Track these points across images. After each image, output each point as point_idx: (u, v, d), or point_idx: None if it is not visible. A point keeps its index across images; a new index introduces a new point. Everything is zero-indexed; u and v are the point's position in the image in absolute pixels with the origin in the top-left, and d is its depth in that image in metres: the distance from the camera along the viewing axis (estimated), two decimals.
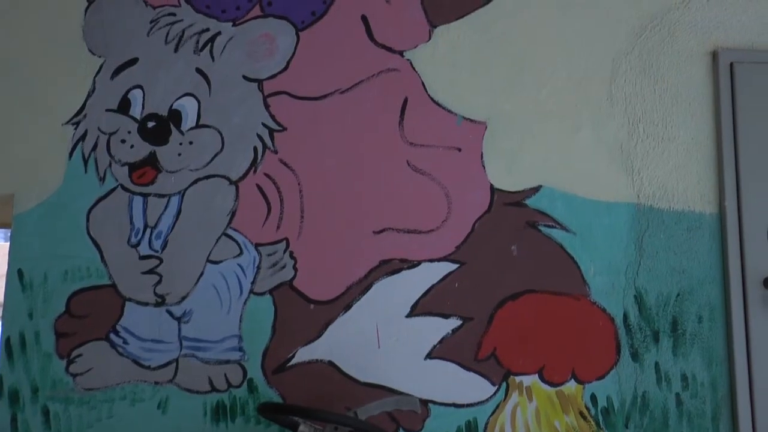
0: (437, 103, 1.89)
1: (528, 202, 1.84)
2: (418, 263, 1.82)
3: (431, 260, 1.82)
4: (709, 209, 1.84)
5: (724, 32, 1.91)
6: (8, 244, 1.86)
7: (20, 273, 1.84)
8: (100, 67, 1.92)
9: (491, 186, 1.85)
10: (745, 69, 1.88)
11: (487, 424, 1.76)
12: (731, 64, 1.88)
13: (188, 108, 1.88)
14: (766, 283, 1.80)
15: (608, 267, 1.82)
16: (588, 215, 1.83)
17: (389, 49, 1.91)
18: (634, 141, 1.87)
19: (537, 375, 1.79)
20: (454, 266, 1.81)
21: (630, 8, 1.92)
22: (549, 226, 1.83)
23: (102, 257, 1.84)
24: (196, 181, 1.85)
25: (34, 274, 1.84)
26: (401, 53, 1.91)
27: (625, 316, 1.80)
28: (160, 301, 1.81)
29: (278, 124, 1.88)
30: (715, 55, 1.89)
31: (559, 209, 1.84)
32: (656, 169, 1.86)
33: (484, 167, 1.86)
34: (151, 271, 1.82)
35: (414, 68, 1.90)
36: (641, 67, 1.90)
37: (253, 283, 1.81)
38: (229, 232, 1.83)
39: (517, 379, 1.78)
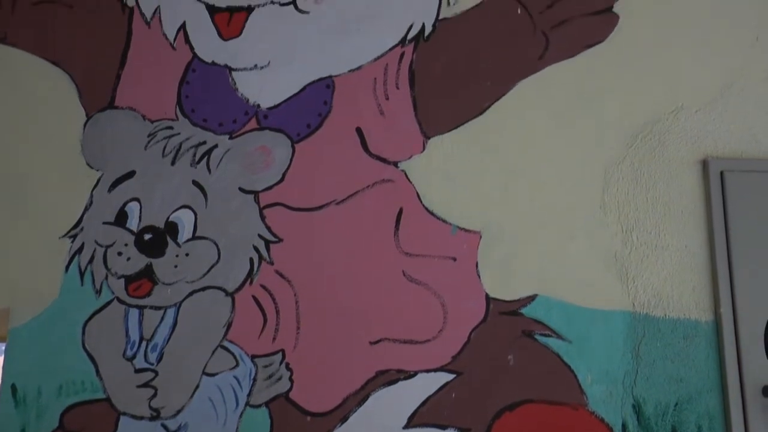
0: (432, 213, 2.39)
1: (524, 311, 2.31)
2: (415, 374, 2.27)
3: (428, 370, 2.27)
4: (704, 317, 2.30)
5: (713, 141, 2.43)
6: (2, 358, 2.40)
7: (13, 388, 2.33)
8: (98, 181, 2.45)
9: (486, 295, 2.32)
10: (736, 177, 2.41)
11: None
12: (721, 173, 2.38)
13: (185, 220, 2.43)
14: (765, 392, 2.28)
15: (605, 376, 2.26)
16: (584, 324, 2.29)
17: (384, 160, 2.44)
18: (628, 249, 2.39)
19: None
20: (451, 376, 2.26)
21: (620, 118, 2.44)
22: (545, 335, 2.30)
23: (97, 371, 2.30)
24: (192, 293, 2.34)
25: (28, 389, 2.30)
26: (396, 164, 2.44)
27: (624, 426, 2.24)
28: (155, 415, 2.27)
29: (274, 235, 2.40)
30: (705, 164, 2.40)
31: (555, 318, 2.30)
32: (651, 277, 2.34)
33: (479, 276, 2.34)
34: (146, 385, 2.31)
35: (409, 179, 2.41)
36: (633, 175, 2.43)
37: (249, 395, 2.26)
38: (225, 343, 2.30)
39: None
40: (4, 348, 2.37)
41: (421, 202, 2.43)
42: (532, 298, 2.34)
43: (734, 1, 2.57)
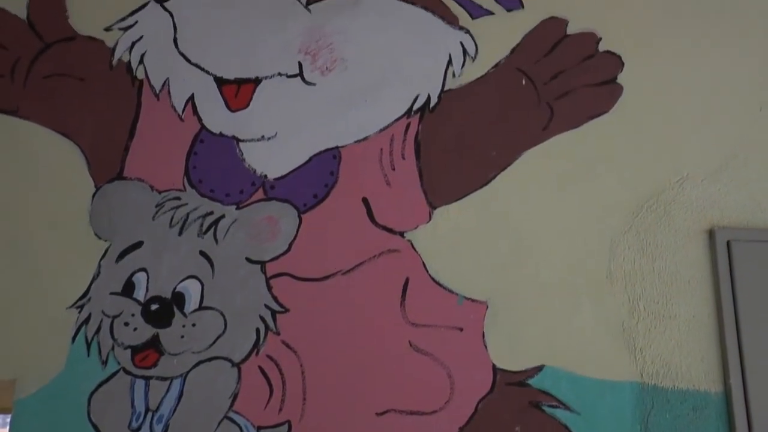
0: (438, 283, 2.53)
1: (531, 381, 2.43)
2: None
3: None
4: (714, 388, 2.39)
5: (719, 211, 2.58)
6: (7, 430, 2.54)
7: None
8: (106, 251, 2.63)
9: (494, 366, 2.44)
10: (742, 247, 2.53)
11: None
12: (728, 242, 2.51)
13: (191, 290, 2.59)
14: None
15: None
16: (592, 395, 2.40)
17: (390, 230, 2.59)
18: (635, 319, 2.52)
19: None
20: None
21: (626, 188, 2.59)
22: (553, 406, 2.40)
23: None
24: (198, 364, 2.48)
25: None
26: (402, 234, 2.59)
27: None
28: None
29: (281, 305, 2.53)
30: (711, 234, 2.54)
31: (563, 389, 2.41)
32: (659, 348, 2.45)
33: (486, 347, 2.47)
34: None
35: (415, 249, 2.56)
36: (639, 245, 2.58)
37: None
38: (231, 414, 2.41)
39: None
40: (9, 420, 2.49)
41: (428, 272, 2.57)
42: (539, 369, 2.46)
43: (738, 71, 2.74)
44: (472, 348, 2.50)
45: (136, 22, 2.85)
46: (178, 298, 2.54)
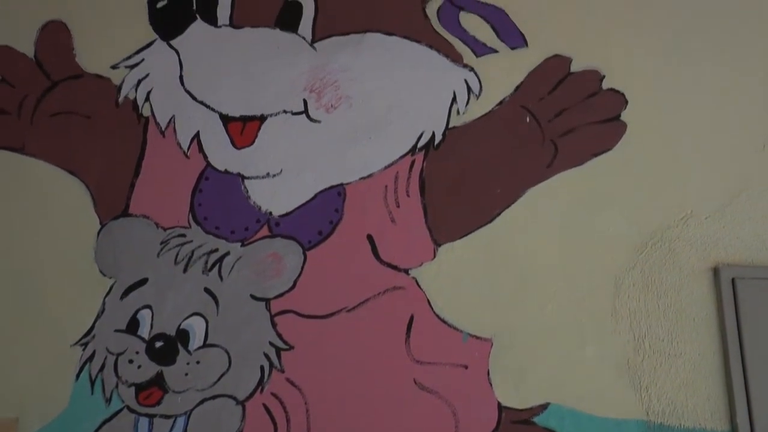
0: (443, 321, 2.56)
1: (536, 419, 2.44)
2: None
3: None
4: (720, 427, 2.41)
5: (723, 249, 2.61)
6: None
7: None
8: (111, 288, 2.67)
9: (498, 404, 2.47)
10: (747, 285, 2.55)
11: None
12: (733, 280, 2.55)
13: (196, 327, 2.61)
14: None
15: None
16: None
17: (395, 268, 2.62)
18: (640, 357, 2.55)
19: None
20: None
21: (630, 225, 2.62)
22: None
23: None
24: (202, 402, 2.50)
25: None
26: (407, 271, 2.62)
27: None
28: None
29: (285, 342, 2.56)
30: (716, 271, 2.57)
31: (568, 427, 2.42)
32: (664, 386, 2.47)
33: (491, 384, 2.50)
34: None
35: (419, 286, 2.59)
36: (644, 283, 2.61)
37: None
38: None
39: None
40: None
41: (432, 309, 2.59)
42: (544, 407, 2.48)
43: (741, 108, 2.78)
44: (477, 385, 2.52)
45: (143, 59, 2.89)
46: (183, 336, 2.57)
